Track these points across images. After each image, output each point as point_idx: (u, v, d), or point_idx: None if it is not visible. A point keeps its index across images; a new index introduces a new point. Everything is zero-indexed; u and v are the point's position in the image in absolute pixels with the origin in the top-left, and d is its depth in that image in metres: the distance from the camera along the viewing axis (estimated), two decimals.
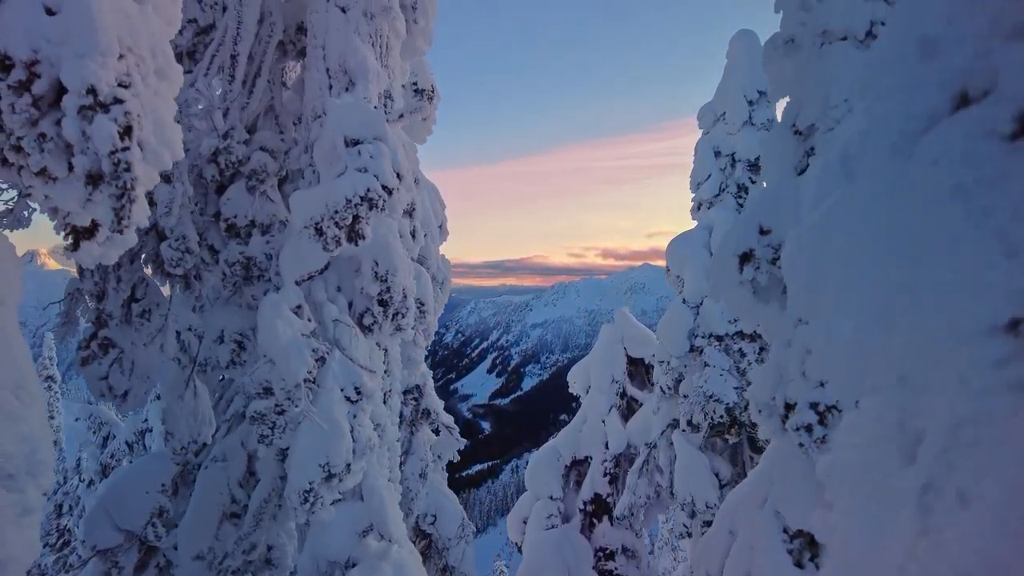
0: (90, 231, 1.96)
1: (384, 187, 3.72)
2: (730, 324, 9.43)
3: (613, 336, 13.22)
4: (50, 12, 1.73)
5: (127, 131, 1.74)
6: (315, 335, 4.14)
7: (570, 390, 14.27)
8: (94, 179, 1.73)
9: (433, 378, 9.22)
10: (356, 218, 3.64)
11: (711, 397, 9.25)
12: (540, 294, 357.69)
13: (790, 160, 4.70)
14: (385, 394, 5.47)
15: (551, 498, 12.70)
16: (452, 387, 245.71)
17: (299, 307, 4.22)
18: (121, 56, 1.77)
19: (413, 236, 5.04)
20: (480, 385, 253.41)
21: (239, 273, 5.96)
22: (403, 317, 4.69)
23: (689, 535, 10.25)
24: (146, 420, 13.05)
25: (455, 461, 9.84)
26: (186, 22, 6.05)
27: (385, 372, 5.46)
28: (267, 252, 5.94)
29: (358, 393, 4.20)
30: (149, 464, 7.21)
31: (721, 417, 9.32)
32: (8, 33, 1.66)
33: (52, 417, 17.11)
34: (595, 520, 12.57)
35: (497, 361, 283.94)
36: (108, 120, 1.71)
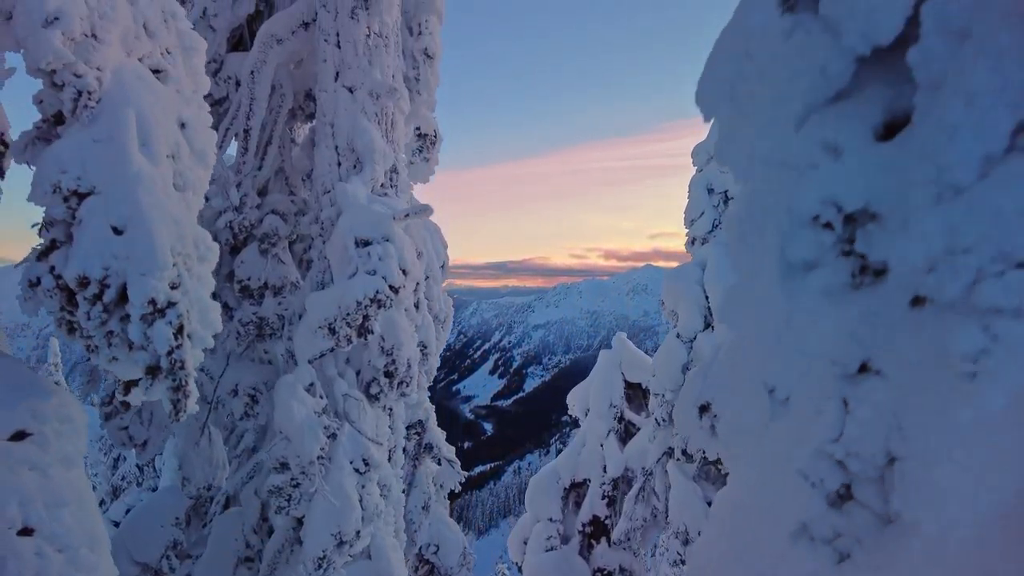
0: (137, 382, 2.31)
1: (391, 287, 4.08)
2: None
3: (611, 361, 13.56)
4: (117, 231, 2.08)
5: (179, 330, 2.09)
6: (326, 411, 4.49)
7: (569, 412, 14.62)
8: (153, 371, 2.08)
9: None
10: (365, 317, 4.01)
11: None
12: (542, 295, 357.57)
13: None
14: (390, 451, 5.83)
15: (551, 520, 13.05)
16: (454, 388, 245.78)
17: (311, 385, 4.57)
18: (174, 264, 2.12)
19: (417, 307, 5.39)
20: (482, 386, 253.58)
21: (252, 332, 6.32)
22: (407, 385, 5.04)
23: (683, 562, 10.59)
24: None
25: (455, 491, 10.14)
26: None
27: (390, 428, 5.82)
28: (279, 313, 6.30)
29: (366, 464, 4.56)
30: (164, 499, 7.57)
31: None
32: (85, 257, 2.01)
33: None
34: (593, 542, 12.93)
35: (499, 362, 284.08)
36: (165, 324, 2.06)
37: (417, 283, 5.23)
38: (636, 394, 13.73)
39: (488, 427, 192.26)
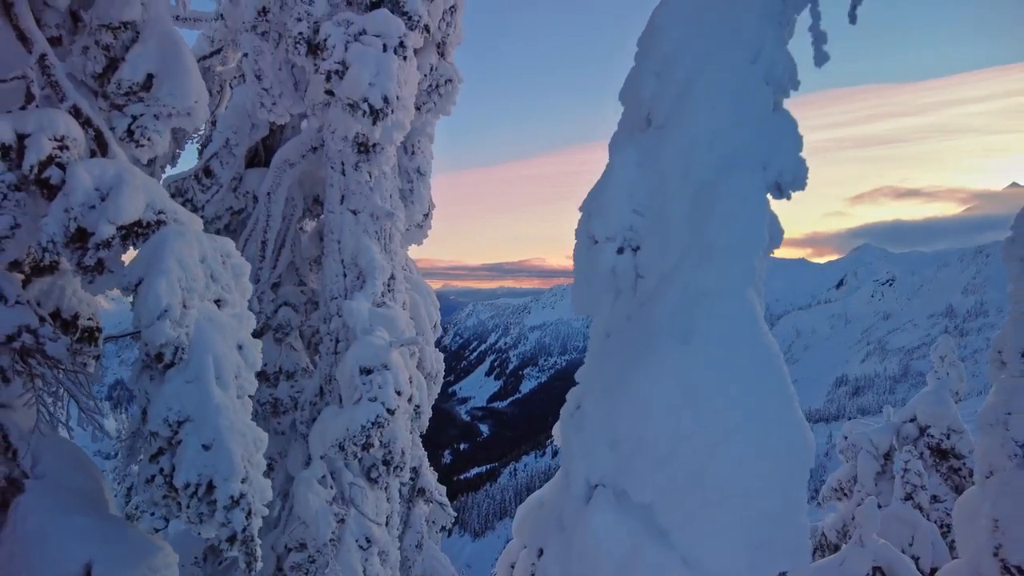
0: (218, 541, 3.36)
1: (389, 410, 5.14)
2: None
3: None
4: (206, 448, 3.14)
5: (249, 512, 3.15)
6: (336, 500, 5.55)
7: (555, 443, 15.69)
8: (232, 539, 3.14)
9: None
10: (368, 437, 5.06)
11: None
12: (539, 296, 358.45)
13: None
14: (387, 517, 6.91)
15: None
16: (451, 390, 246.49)
17: (324, 477, 5.63)
18: (244, 467, 3.17)
19: (410, 400, 6.45)
20: (479, 388, 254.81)
21: (268, 410, 7.37)
22: (401, 470, 6.09)
23: None
24: None
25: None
26: (224, 209, 7.46)
27: (388, 500, 6.89)
28: (292, 395, 7.35)
29: (368, 542, 5.62)
30: (183, 539, 8.60)
31: None
32: (188, 468, 3.07)
33: None
34: None
35: (495, 364, 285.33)
36: (239, 511, 3.11)
37: (410, 397, 6.29)
38: None
39: (485, 429, 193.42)
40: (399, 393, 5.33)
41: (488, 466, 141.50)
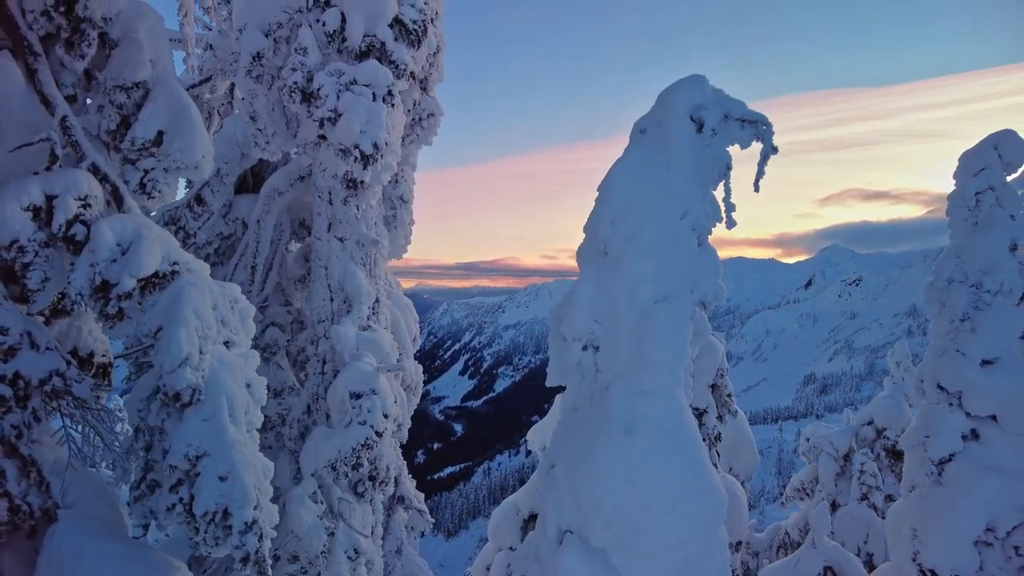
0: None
1: (377, 433, 5.57)
2: None
3: None
4: (222, 480, 3.55)
5: (260, 535, 3.57)
6: (326, 515, 5.96)
7: (529, 447, 16.20)
8: (245, 560, 3.56)
9: None
10: (358, 457, 5.48)
11: None
12: (513, 295, 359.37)
13: None
14: (372, 527, 7.32)
15: (511, 548, 14.61)
16: (424, 390, 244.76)
17: (314, 492, 6.03)
18: (256, 495, 3.59)
19: (393, 418, 6.87)
20: (453, 387, 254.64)
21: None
22: (386, 484, 6.52)
23: None
24: None
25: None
26: (215, 235, 7.78)
27: (372, 511, 7.30)
28: (279, 412, 7.71)
29: (357, 553, 6.04)
30: (164, 549, 8.89)
31: None
32: (207, 499, 3.47)
33: None
34: None
35: (470, 363, 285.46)
36: (252, 535, 3.53)
37: (396, 419, 6.71)
38: None
39: (458, 428, 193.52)
40: (386, 416, 5.76)
41: (462, 465, 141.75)
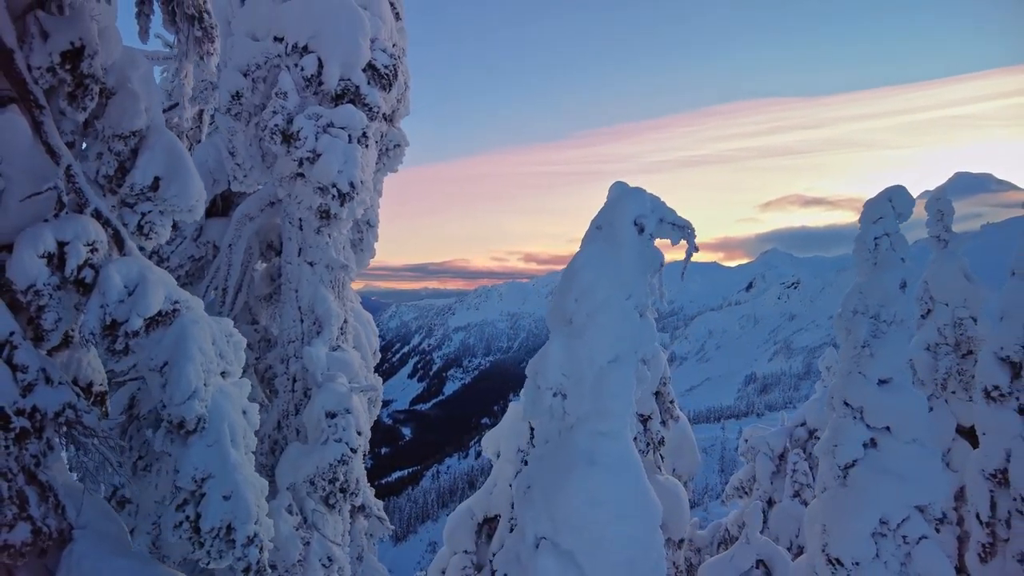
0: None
1: (352, 449, 6.05)
2: None
3: (519, 412, 15.83)
4: (226, 498, 4.00)
5: (261, 548, 4.03)
6: (300, 526, 6.39)
7: (484, 454, 16.78)
8: (247, 570, 4.02)
9: None
10: (335, 473, 5.96)
11: None
12: (463, 297, 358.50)
13: None
14: (343, 534, 7.76)
15: (465, 552, 15.15)
16: None
17: (290, 505, 6.45)
18: (257, 511, 4.04)
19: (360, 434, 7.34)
20: (401, 390, 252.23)
21: None
22: (356, 496, 6.99)
23: None
24: None
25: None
26: (186, 258, 8.07)
27: (342, 521, 7.74)
28: None
29: (330, 560, 6.49)
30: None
31: None
32: (213, 516, 3.92)
33: None
34: None
35: (419, 366, 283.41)
36: (254, 548, 4.00)
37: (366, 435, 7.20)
38: None
39: (407, 432, 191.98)
40: (359, 433, 6.25)
41: (410, 469, 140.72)
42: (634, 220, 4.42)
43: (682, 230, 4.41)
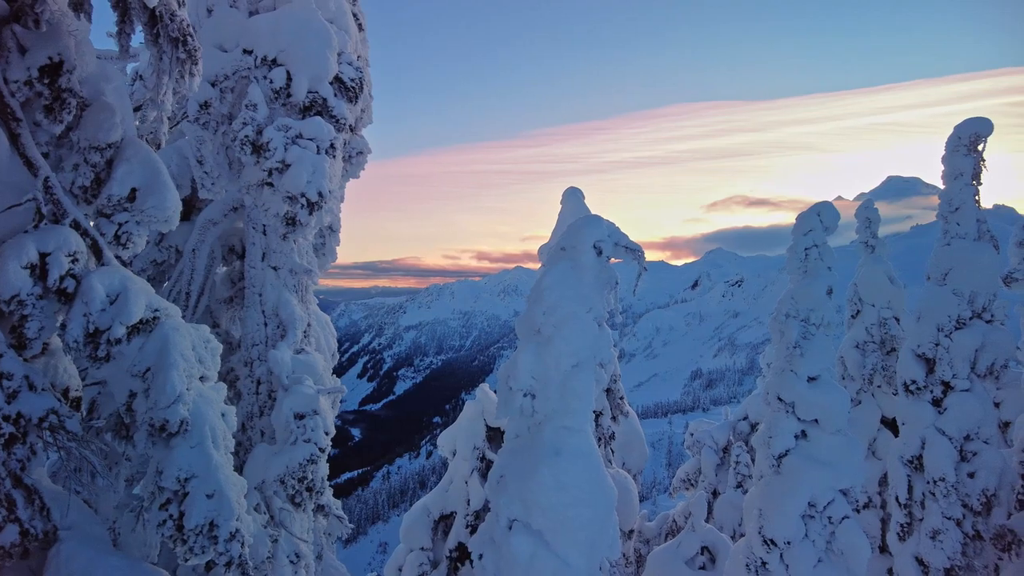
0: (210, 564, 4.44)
1: (320, 449, 6.29)
2: None
3: (475, 411, 16.14)
4: (209, 497, 4.22)
5: (243, 543, 4.27)
6: (268, 524, 6.57)
7: (439, 452, 17.07)
8: (229, 564, 4.25)
9: None
10: (305, 471, 6.18)
11: None
12: (414, 296, 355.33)
13: None
14: (308, 532, 7.96)
15: (422, 549, 15.42)
16: None
17: (258, 504, 6.63)
18: (238, 508, 4.29)
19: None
20: (351, 391, 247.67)
21: None
22: (321, 495, 7.22)
23: None
24: None
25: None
26: (149, 262, 8.09)
27: (307, 519, 7.94)
28: None
29: (297, 557, 6.70)
30: None
31: None
32: (198, 515, 4.14)
33: None
34: (459, 565, 15.49)
35: (368, 365, 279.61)
36: (236, 543, 4.23)
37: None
38: (496, 436, 16.48)
39: (356, 433, 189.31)
40: (327, 433, 6.49)
41: (360, 471, 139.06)
42: (594, 244, 5.07)
43: (634, 252, 5.01)
